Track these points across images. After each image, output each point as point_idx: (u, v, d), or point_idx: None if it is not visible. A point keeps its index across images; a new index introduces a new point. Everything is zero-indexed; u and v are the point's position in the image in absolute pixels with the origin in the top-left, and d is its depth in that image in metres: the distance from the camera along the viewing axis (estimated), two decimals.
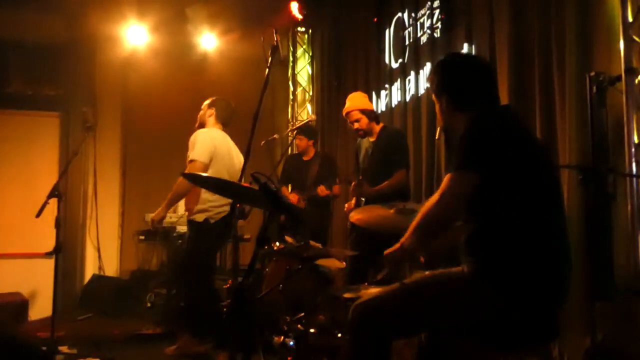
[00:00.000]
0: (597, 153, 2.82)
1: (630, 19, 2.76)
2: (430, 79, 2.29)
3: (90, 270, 6.61)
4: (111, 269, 6.71)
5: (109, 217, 6.82)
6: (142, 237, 6.19)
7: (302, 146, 5.28)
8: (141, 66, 6.60)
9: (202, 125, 4.28)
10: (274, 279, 2.73)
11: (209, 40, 6.76)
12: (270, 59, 2.56)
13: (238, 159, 4.27)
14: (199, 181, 2.54)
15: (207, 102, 4.34)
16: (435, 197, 1.91)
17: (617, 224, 2.85)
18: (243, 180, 2.54)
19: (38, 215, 4.00)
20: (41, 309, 5.74)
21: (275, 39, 2.61)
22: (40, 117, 6.21)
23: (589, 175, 2.70)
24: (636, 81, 2.75)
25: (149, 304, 5.71)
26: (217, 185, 2.24)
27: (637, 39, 2.75)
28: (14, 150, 6.06)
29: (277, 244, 2.89)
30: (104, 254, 6.70)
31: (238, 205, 2.47)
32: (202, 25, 6.63)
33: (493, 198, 1.85)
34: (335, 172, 5.34)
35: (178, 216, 5.66)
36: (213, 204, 3.95)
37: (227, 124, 4.38)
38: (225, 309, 2.56)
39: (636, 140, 2.73)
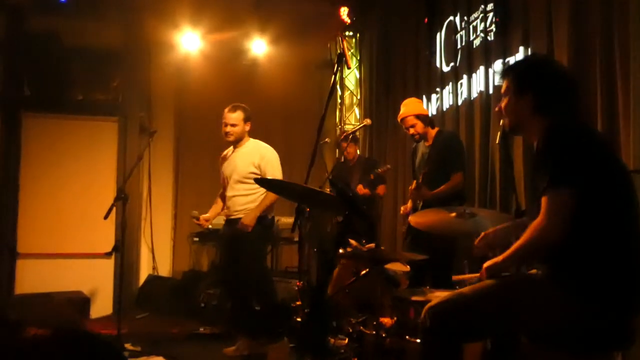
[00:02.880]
0: None
1: None
2: (511, 74, 2.17)
3: (144, 270, 6.84)
4: (164, 270, 6.93)
5: (162, 219, 7.05)
6: (196, 239, 6.36)
7: (352, 153, 5.34)
8: (194, 71, 6.81)
9: (239, 140, 4.33)
10: (340, 281, 2.79)
11: (259, 46, 6.90)
12: (336, 65, 2.61)
13: None
14: (270, 186, 2.62)
15: (241, 115, 4.27)
16: (540, 221, 1.87)
17: None
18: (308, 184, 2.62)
19: (106, 217, 4.17)
20: (101, 307, 5.98)
21: (342, 46, 2.66)
22: (100, 122, 6.44)
23: None
24: None
25: (202, 304, 5.86)
26: (289, 190, 2.31)
27: None
28: (75, 154, 6.30)
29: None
30: (157, 255, 6.92)
31: (308, 209, 2.55)
32: (253, 30, 6.77)
33: (579, 208, 1.83)
34: (383, 177, 5.40)
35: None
36: None
37: None
38: (301, 311, 2.63)
39: None
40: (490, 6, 4.59)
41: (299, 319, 2.67)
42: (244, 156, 4.26)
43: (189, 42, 6.68)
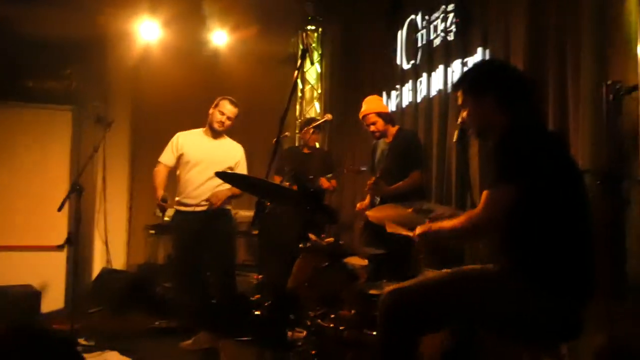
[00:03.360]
0: (612, 159, 2.92)
1: None
2: (465, 82, 2.24)
3: (98, 263, 6.68)
4: (119, 263, 6.79)
5: (117, 211, 6.89)
6: (152, 231, 6.26)
7: (316, 140, 5.33)
8: (153, 61, 6.65)
9: (223, 133, 4.41)
10: (300, 275, 2.81)
11: (220, 37, 6.82)
12: (299, 60, 2.62)
13: None
14: (231, 180, 2.61)
15: (237, 111, 4.37)
16: (475, 212, 1.96)
17: (630, 228, 2.95)
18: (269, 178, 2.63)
19: (60, 209, 4.08)
20: (52, 301, 5.82)
21: (306, 42, 2.67)
22: (53, 111, 6.26)
23: (605, 181, 2.79)
24: None
25: (158, 298, 5.78)
26: (252, 185, 2.31)
27: None
28: (27, 142, 6.11)
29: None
30: (111, 248, 6.77)
31: (268, 203, 2.55)
32: (214, 21, 6.69)
33: (530, 205, 1.91)
34: (333, 167, 5.44)
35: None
36: None
37: None
38: (260, 305, 2.64)
39: None
40: (450, 7, 4.69)
41: (258, 313, 2.67)
42: (226, 151, 4.26)
43: (148, 31, 6.53)
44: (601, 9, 3.20)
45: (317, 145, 5.62)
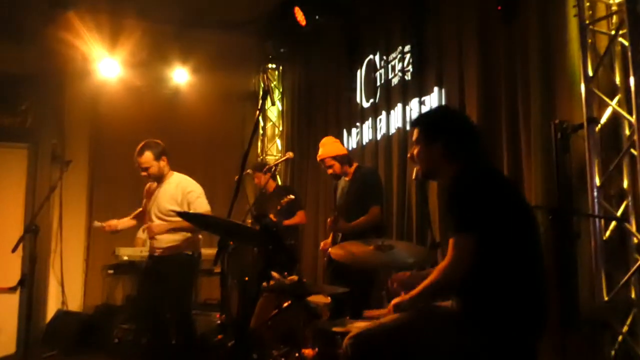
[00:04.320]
0: (562, 195, 3.05)
1: (590, 73, 3.03)
2: (422, 123, 2.35)
3: (52, 305, 6.46)
4: (75, 304, 6.57)
5: (73, 251, 6.70)
6: (110, 271, 6.11)
7: (266, 183, 5.37)
8: (112, 99, 6.61)
9: (161, 177, 4.19)
10: (263, 314, 2.80)
11: (181, 75, 6.84)
12: (260, 101, 2.68)
13: None
14: (193, 220, 2.60)
15: (149, 156, 4.10)
16: (445, 263, 2.02)
17: (581, 261, 3.07)
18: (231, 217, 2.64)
19: (14, 250, 3.95)
20: (3, 346, 5.59)
21: (266, 83, 2.73)
22: (8, 149, 6.12)
23: (556, 216, 2.91)
24: (597, 129, 3.00)
25: (116, 340, 5.61)
26: (215, 225, 2.32)
27: (596, 91, 3.01)
28: None
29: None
30: (67, 289, 6.56)
31: (231, 243, 2.55)
32: (175, 59, 6.72)
33: (485, 248, 1.98)
34: (298, 203, 5.47)
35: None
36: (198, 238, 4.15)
37: None
38: (222, 345, 2.61)
39: (598, 184, 2.96)
40: (407, 47, 4.86)
41: (221, 353, 2.64)
42: (165, 193, 4.16)
43: (107, 68, 6.50)
44: (547, 52, 3.40)
45: (278, 183, 5.65)
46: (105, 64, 6.47)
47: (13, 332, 5.72)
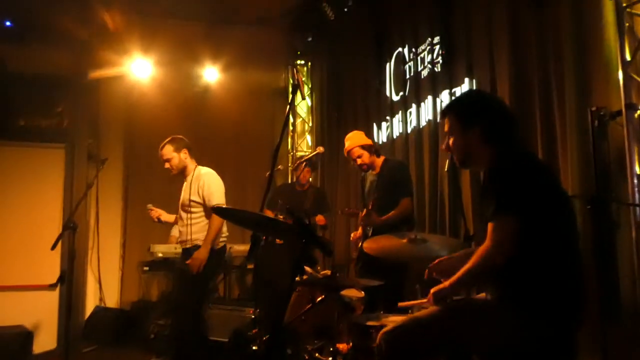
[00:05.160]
0: (600, 184, 2.97)
1: (628, 58, 2.93)
2: (453, 111, 2.28)
3: (90, 301, 6.62)
4: (112, 301, 6.73)
5: (110, 248, 6.86)
6: (146, 268, 6.22)
7: (307, 178, 5.40)
8: (145, 98, 6.74)
9: (184, 170, 4.32)
10: (297, 309, 2.81)
11: (211, 73, 6.92)
12: (291, 96, 2.67)
13: None
14: (230, 215, 2.62)
15: (170, 148, 4.29)
16: (486, 246, 1.97)
17: (621, 251, 2.98)
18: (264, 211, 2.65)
19: (53, 247, 4.04)
20: (45, 341, 5.74)
21: (297, 77, 2.73)
22: (46, 149, 6.29)
23: (594, 205, 2.83)
24: (636, 115, 2.91)
25: (152, 335, 5.71)
26: (248, 219, 2.33)
27: (635, 76, 2.92)
28: (20, 181, 6.12)
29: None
30: (104, 286, 6.72)
31: (264, 237, 2.56)
32: (205, 58, 6.80)
33: (524, 235, 1.92)
34: (326, 205, 5.50)
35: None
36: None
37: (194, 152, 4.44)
38: (258, 340, 2.63)
39: (638, 171, 2.87)
40: (436, 39, 4.80)
41: (255, 348, 2.66)
42: (187, 186, 4.28)
43: (139, 68, 6.63)
44: (581, 37, 3.30)
45: (311, 180, 5.67)
46: (137, 64, 6.59)
47: (54, 328, 5.88)
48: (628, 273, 2.93)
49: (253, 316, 2.72)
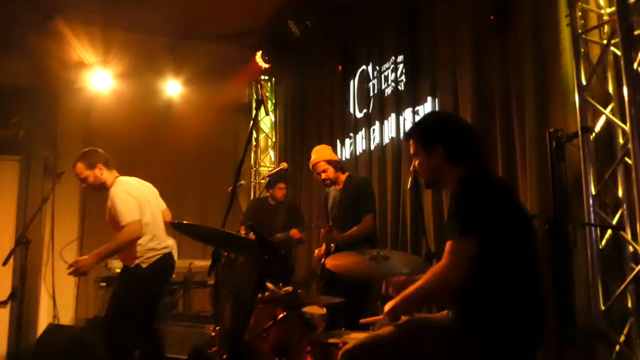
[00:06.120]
0: (557, 204, 3.04)
1: (584, 82, 3.03)
2: (416, 134, 2.28)
3: (43, 319, 6.38)
4: (67, 317, 6.50)
5: (65, 264, 6.62)
6: (103, 284, 6.05)
7: (282, 193, 5.36)
8: (104, 111, 6.59)
9: (104, 186, 3.96)
10: (257, 326, 2.77)
11: (173, 87, 6.84)
12: (254, 111, 2.65)
13: (154, 197, 4.13)
14: (187, 231, 2.56)
15: (81, 167, 3.90)
16: (442, 264, 1.97)
17: (577, 270, 3.06)
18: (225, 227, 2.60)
19: (5, 263, 3.90)
20: None
21: (261, 92, 2.71)
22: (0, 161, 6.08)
23: (552, 225, 2.89)
24: (591, 138, 3.00)
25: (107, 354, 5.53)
26: (208, 235, 2.29)
27: (590, 100, 3.02)
28: None
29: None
30: (59, 302, 6.48)
31: (226, 254, 2.53)
32: (167, 71, 6.72)
33: (485, 256, 1.93)
34: (300, 219, 5.46)
35: None
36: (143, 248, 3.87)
37: (112, 164, 4.06)
38: (218, 357, 2.57)
39: (593, 192, 2.96)
40: (400, 58, 4.87)
41: None
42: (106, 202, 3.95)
43: (99, 80, 6.49)
44: (540, 61, 3.41)
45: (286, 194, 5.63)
46: (97, 76, 6.46)
47: (3, 346, 5.63)
48: (583, 291, 3.00)
49: (213, 333, 2.67)
